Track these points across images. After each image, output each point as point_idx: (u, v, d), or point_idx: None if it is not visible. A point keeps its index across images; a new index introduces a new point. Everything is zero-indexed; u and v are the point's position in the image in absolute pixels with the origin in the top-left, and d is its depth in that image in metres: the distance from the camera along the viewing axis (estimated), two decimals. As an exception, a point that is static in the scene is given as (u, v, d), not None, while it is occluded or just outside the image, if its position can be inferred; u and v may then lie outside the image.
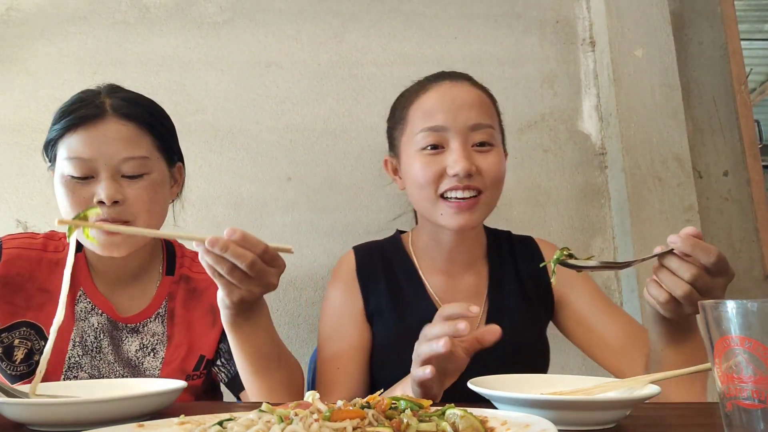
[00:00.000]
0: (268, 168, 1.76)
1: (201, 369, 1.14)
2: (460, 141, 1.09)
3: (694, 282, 0.80)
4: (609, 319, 1.17)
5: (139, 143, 1.07)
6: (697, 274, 0.80)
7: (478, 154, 1.11)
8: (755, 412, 0.52)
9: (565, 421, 0.66)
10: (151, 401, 0.76)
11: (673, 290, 0.82)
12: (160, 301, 1.16)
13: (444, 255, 1.19)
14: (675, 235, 0.82)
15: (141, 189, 1.06)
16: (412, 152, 1.13)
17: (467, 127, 1.10)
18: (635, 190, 1.73)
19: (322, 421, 0.54)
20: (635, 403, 0.70)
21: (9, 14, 1.78)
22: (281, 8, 1.83)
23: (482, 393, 0.72)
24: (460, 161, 1.07)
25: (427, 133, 1.10)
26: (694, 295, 0.81)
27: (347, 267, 1.22)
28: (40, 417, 0.72)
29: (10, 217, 1.68)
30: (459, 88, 1.14)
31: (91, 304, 1.12)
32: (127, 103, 1.09)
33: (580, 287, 1.21)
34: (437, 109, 1.11)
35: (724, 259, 0.81)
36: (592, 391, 0.78)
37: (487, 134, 1.11)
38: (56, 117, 1.08)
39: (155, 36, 1.79)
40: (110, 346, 1.11)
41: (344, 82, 1.81)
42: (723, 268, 0.81)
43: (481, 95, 1.15)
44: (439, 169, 1.09)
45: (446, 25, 1.86)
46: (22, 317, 1.09)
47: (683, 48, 1.93)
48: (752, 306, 0.53)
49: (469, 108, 1.11)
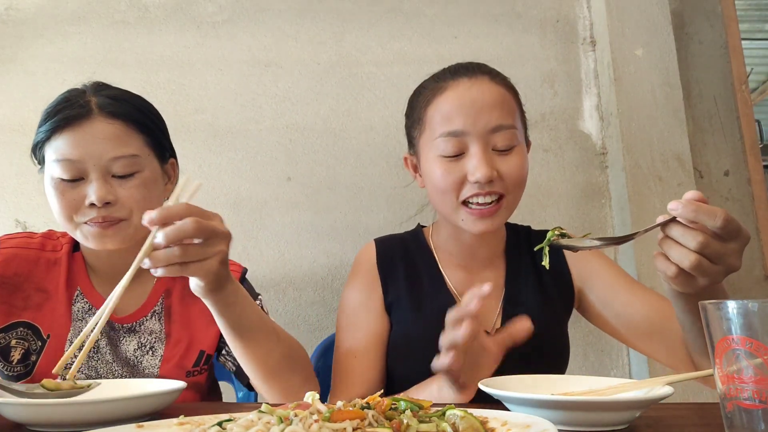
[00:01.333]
0: (267, 168, 1.76)
1: (201, 364, 1.13)
2: (480, 146, 1.05)
3: (702, 250, 0.74)
4: (635, 299, 1.11)
5: (127, 141, 1.05)
6: (705, 241, 0.74)
7: (500, 157, 1.07)
8: (756, 412, 0.52)
9: (577, 422, 0.66)
10: (150, 401, 0.76)
11: (681, 262, 0.76)
12: (156, 299, 1.15)
13: (464, 251, 1.19)
14: (676, 201, 0.75)
15: (133, 188, 1.04)
16: (431, 156, 1.10)
17: (487, 130, 1.06)
18: (636, 189, 1.73)
19: (322, 421, 0.54)
20: (647, 405, 0.70)
21: (8, 14, 1.77)
22: (281, 8, 1.83)
23: (493, 393, 0.71)
24: (480, 168, 1.04)
25: (446, 138, 1.07)
26: (704, 264, 0.75)
27: (368, 258, 1.22)
28: (40, 417, 0.72)
29: (9, 217, 1.68)
30: (478, 88, 1.09)
31: (88, 304, 1.11)
32: (113, 100, 1.07)
33: (599, 272, 1.17)
34: (456, 112, 1.07)
35: (732, 220, 0.74)
36: (605, 392, 0.77)
37: (508, 136, 1.07)
38: (42, 118, 1.06)
39: (155, 36, 1.79)
40: (108, 346, 1.10)
41: (344, 81, 1.81)
42: (733, 231, 0.75)
43: (501, 92, 1.10)
44: (460, 176, 1.06)
45: (446, 25, 1.86)
46: (19, 317, 1.08)
47: (684, 47, 1.92)
48: (753, 306, 0.53)
49: (489, 110, 1.07)
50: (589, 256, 1.19)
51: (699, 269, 0.75)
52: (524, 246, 1.23)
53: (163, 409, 0.78)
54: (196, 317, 1.14)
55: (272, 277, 1.71)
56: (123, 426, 0.63)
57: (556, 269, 1.19)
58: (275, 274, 1.71)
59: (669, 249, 0.77)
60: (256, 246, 1.73)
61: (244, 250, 1.72)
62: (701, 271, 0.76)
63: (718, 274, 0.77)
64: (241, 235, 1.73)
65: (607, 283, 1.15)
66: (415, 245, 1.23)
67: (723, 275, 0.78)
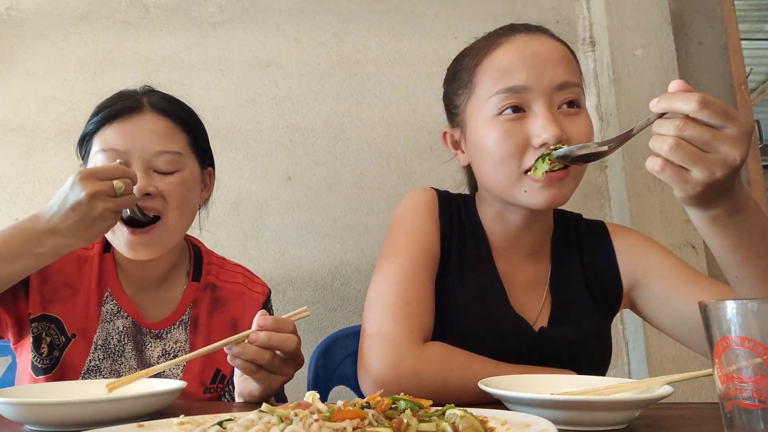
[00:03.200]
0: (267, 168, 1.76)
1: (217, 383, 1.12)
2: (545, 103, 0.91)
3: (679, 133, 0.69)
4: (699, 291, 0.95)
5: (173, 138, 1.07)
6: (681, 124, 0.69)
7: (566, 118, 0.93)
8: (755, 412, 0.52)
9: (576, 422, 0.66)
10: (151, 401, 0.76)
11: (660, 149, 0.70)
12: (184, 308, 1.14)
13: (508, 235, 1.04)
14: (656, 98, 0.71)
15: (173, 184, 1.05)
16: (483, 120, 0.95)
17: (553, 87, 0.92)
18: (635, 189, 1.73)
19: (322, 421, 0.54)
20: (646, 404, 0.70)
21: (9, 14, 1.78)
22: (281, 8, 1.83)
23: (492, 393, 0.71)
24: (548, 126, 0.89)
25: (505, 95, 0.92)
26: (688, 149, 0.69)
27: (429, 200, 1.06)
28: (40, 417, 0.72)
29: (10, 217, 1.68)
30: (538, 41, 0.96)
31: (117, 306, 1.10)
32: (164, 99, 1.11)
33: (657, 264, 1.03)
34: (516, 65, 0.93)
35: (714, 103, 0.68)
36: (605, 391, 0.77)
37: (575, 93, 0.95)
38: (93, 113, 1.08)
39: (155, 36, 1.79)
40: (133, 351, 1.09)
41: (344, 82, 1.81)
42: (718, 115, 0.68)
43: (564, 49, 0.98)
44: (522, 140, 0.91)
45: (446, 25, 1.86)
46: (46, 310, 1.07)
47: (683, 48, 1.93)
48: (752, 306, 0.53)
49: (555, 64, 0.93)
50: (643, 250, 1.06)
51: (683, 154, 0.70)
52: (573, 237, 1.10)
53: (163, 409, 0.78)
54: (217, 333, 1.13)
55: (272, 277, 1.71)
56: (123, 426, 0.63)
57: (604, 266, 1.07)
58: (275, 274, 1.71)
59: (653, 143, 0.72)
60: (256, 246, 1.73)
61: (244, 250, 1.72)
62: (687, 157, 0.70)
63: (715, 165, 0.70)
64: (241, 235, 1.73)
65: (666, 277, 1.01)
66: (467, 211, 1.08)
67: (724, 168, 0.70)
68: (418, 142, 1.80)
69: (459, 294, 1.00)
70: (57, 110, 1.75)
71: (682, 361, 1.63)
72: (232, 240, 1.73)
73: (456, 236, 1.04)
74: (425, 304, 0.95)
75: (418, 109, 1.81)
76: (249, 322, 1.12)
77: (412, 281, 0.95)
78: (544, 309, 1.03)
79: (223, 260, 1.24)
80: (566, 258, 1.08)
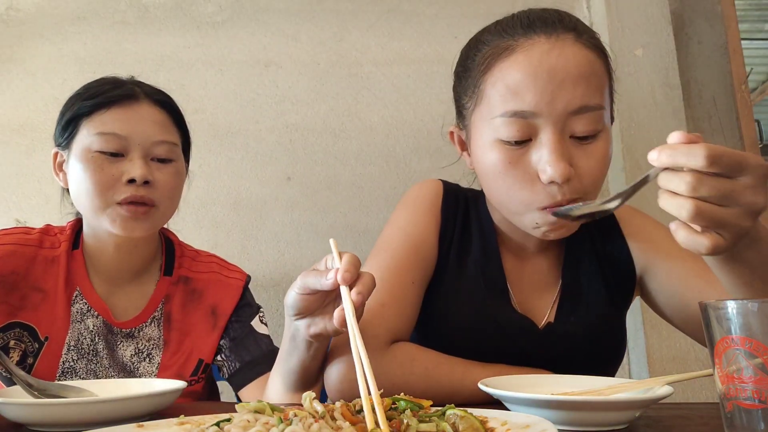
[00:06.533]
0: (267, 168, 1.76)
1: (199, 374, 1.11)
2: (555, 131, 0.81)
3: (693, 193, 0.61)
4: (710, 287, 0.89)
5: (170, 130, 1.09)
6: (694, 182, 0.61)
7: (579, 148, 0.83)
8: (756, 412, 0.52)
9: (576, 422, 0.66)
10: (150, 401, 0.76)
11: (678, 213, 0.64)
12: (156, 304, 1.12)
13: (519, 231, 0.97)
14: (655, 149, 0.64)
15: (169, 174, 1.07)
16: (487, 138, 0.86)
17: (567, 113, 0.81)
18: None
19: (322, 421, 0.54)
20: (646, 405, 0.70)
21: (8, 14, 1.77)
22: (281, 8, 1.83)
23: (492, 393, 0.71)
24: (555, 164, 0.80)
25: (511, 119, 0.82)
26: (708, 209, 0.62)
27: (433, 192, 1.02)
28: (40, 417, 0.72)
29: (9, 217, 1.68)
30: (559, 52, 0.82)
31: (87, 305, 1.08)
32: (157, 91, 1.12)
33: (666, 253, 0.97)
34: (527, 86, 0.81)
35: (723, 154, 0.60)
36: (605, 391, 0.77)
37: (593, 120, 0.83)
38: (80, 96, 1.07)
39: (154, 36, 1.79)
40: (105, 350, 1.08)
41: (344, 81, 1.81)
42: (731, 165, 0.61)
43: (589, 58, 0.84)
44: (528, 172, 0.84)
45: (446, 25, 1.86)
46: (15, 317, 1.04)
47: (683, 47, 1.93)
48: (753, 306, 0.53)
49: (573, 84, 0.81)
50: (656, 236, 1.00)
51: (705, 217, 0.62)
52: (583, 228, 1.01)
53: (163, 409, 0.78)
54: (196, 324, 1.12)
55: (272, 277, 1.71)
56: (123, 426, 0.63)
57: (617, 255, 1.01)
58: (275, 274, 1.71)
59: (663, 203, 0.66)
60: (256, 246, 1.73)
61: (244, 250, 1.72)
62: (712, 221, 0.62)
63: (740, 219, 0.63)
64: (240, 235, 1.73)
65: (677, 268, 0.95)
66: (475, 206, 1.04)
67: (748, 218, 0.63)
68: (418, 142, 1.80)
69: (457, 290, 0.96)
70: (57, 110, 1.73)
71: (682, 361, 1.63)
72: (231, 240, 1.73)
73: (459, 231, 1.00)
74: (403, 306, 0.90)
75: (418, 109, 1.81)
76: (228, 307, 1.13)
77: (393, 281, 0.90)
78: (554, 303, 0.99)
79: (197, 252, 1.22)
80: (579, 246, 1.02)
